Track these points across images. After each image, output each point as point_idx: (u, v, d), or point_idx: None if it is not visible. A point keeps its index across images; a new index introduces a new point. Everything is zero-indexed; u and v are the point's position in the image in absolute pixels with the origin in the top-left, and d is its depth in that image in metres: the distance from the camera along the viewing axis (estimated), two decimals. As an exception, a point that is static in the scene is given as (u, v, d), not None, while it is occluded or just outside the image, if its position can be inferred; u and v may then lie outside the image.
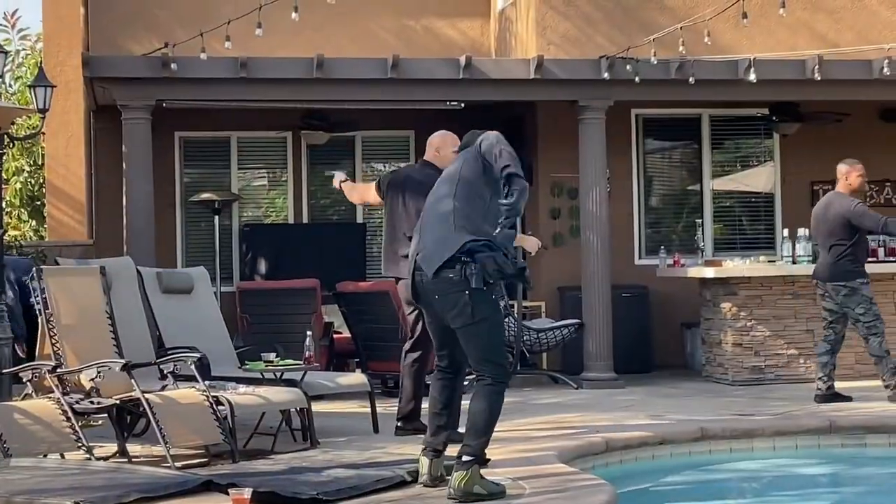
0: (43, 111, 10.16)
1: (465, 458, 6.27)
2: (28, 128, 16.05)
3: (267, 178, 14.46)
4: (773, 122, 13.59)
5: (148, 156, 11.31)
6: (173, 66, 11.05)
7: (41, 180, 16.75)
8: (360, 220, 14.28)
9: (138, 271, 9.23)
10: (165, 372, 7.85)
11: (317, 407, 8.63)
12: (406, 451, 7.52)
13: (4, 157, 12.61)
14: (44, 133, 12.90)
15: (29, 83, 11.24)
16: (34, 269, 8.17)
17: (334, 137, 13.79)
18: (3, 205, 13.04)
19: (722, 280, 11.79)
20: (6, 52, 10.29)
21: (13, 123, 12.40)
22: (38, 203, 17.53)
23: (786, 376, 11.73)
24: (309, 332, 9.07)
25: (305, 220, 14.18)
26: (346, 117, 13.47)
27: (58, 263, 8.81)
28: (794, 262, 11.86)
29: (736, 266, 11.83)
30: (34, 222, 18.10)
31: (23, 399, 7.66)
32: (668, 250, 12.91)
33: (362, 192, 9.32)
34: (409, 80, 11.67)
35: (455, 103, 12.51)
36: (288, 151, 14.21)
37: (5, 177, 16.64)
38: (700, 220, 13.35)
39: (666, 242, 13.35)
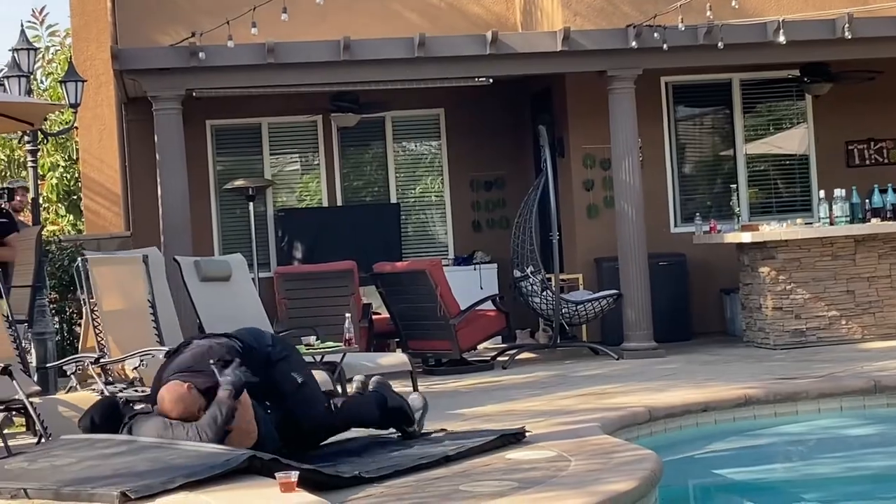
0: (74, 106, 10.24)
1: None
2: (61, 123, 16.16)
3: (300, 163, 14.49)
4: (805, 83, 13.48)
5: (180, 145, 11.35)
6: (201, 55, 11.08)
7: (76, 175, 16.85)
8: (394, 199, 14.30)
9: (176, 260, 9.30)
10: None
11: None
12: (448, 428, 7.53)
13: (39, 153, 12.73)
14: (76, 128, 13.00)
15: (59, 79, 11.32)
16: (79, 259, 8.21)
17: (364, 119, 13.79)
18: (40, 200, 13.15)
19: (759, 244, 11.73)
20: (35, 49, 10.37)
21: (46, 119, 12.48)
22: (75, 197, 17.65)
23: (828, 338, 11.67)
24: (348, 315, 9.10)
25: (339, 203, 14.21)
26: (375, 98, 13.47)
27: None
28: (831, 224, 11.78)
29: (773, 230, 11.76)
30: (72, 216, 18.23)
31: (67, 392, 7.73)
32: (703, 217, 12.84)
33: None
34: (436, 58, 11.64)
35: (483, 79, 12.49)
36: (319, 135, 14.24)
37: (41, 173, 16.78)
38: (735, 186, 13.27)
39: (701, 209, 13.29)
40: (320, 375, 7.76)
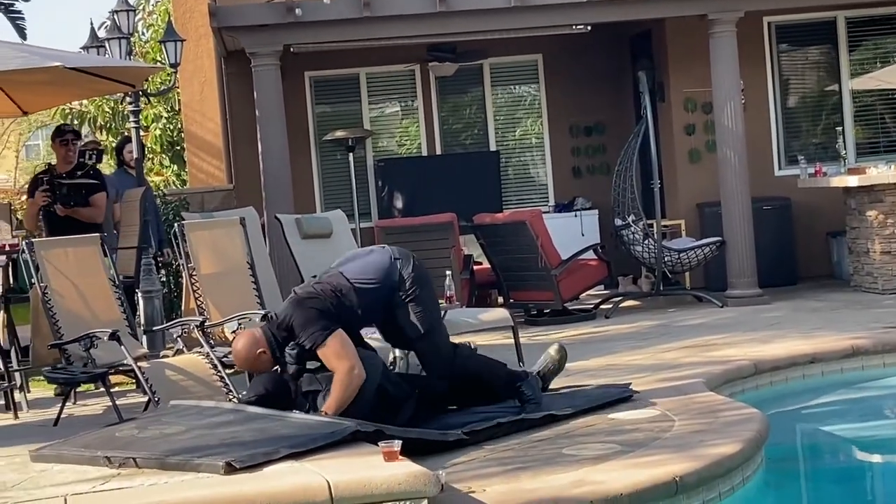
0: (174, 66, 10.30)
1: None
2: (164, 75, 16.28)
3: (399, 107, 14.46)
4: (913, 19, 13.11)
5: (279, 100, 11.39)
6: (298, 11, 11.08)
7: (179, 125, 17.03)
8: (493, 146, 14.24)
9: (277, 219, 9.38)
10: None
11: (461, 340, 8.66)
12: (554, 385, 7.52)
13: (141, 110, 12.85)
14: (177, 87, 13.10)
15: (159, 39, 11.40)
16: (176, 225, 8.32)
17: (462, 67, 13.71)
18: (144, 156, 13.31)
19: (867, 188, 11.47)
20: (134, 10, 10.43)
21: (147, 80, 12.60)
22: (178, 148, 17.86)
23: (939, 283, 11.42)
24: (448, 272, 9.11)
25: (439, 151, 14.18)
26: (472, 46, 13.37)
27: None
28: (941, 164, 11.48)
29: (881, 173, 11.48)
30: (176, 167, 18.46)
31: (175, 355, 7.87)
32: (808, 159, 12.58)
33: None
34: (533, 6, 11.48)
35: (581, 26, 12.32)
36: (417, 84, 14.19)
37: (144, 124, 16.99)
38: (840, 128, 12.95)
39: (805, 151, 13.02)
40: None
